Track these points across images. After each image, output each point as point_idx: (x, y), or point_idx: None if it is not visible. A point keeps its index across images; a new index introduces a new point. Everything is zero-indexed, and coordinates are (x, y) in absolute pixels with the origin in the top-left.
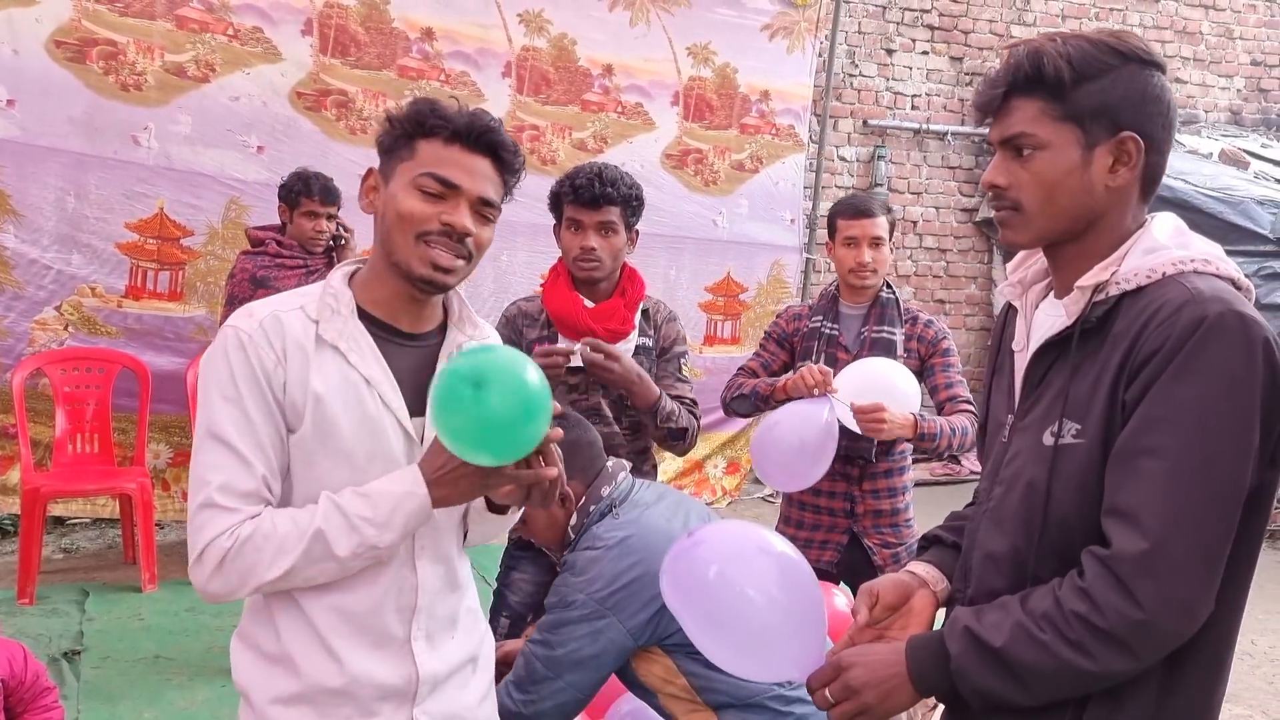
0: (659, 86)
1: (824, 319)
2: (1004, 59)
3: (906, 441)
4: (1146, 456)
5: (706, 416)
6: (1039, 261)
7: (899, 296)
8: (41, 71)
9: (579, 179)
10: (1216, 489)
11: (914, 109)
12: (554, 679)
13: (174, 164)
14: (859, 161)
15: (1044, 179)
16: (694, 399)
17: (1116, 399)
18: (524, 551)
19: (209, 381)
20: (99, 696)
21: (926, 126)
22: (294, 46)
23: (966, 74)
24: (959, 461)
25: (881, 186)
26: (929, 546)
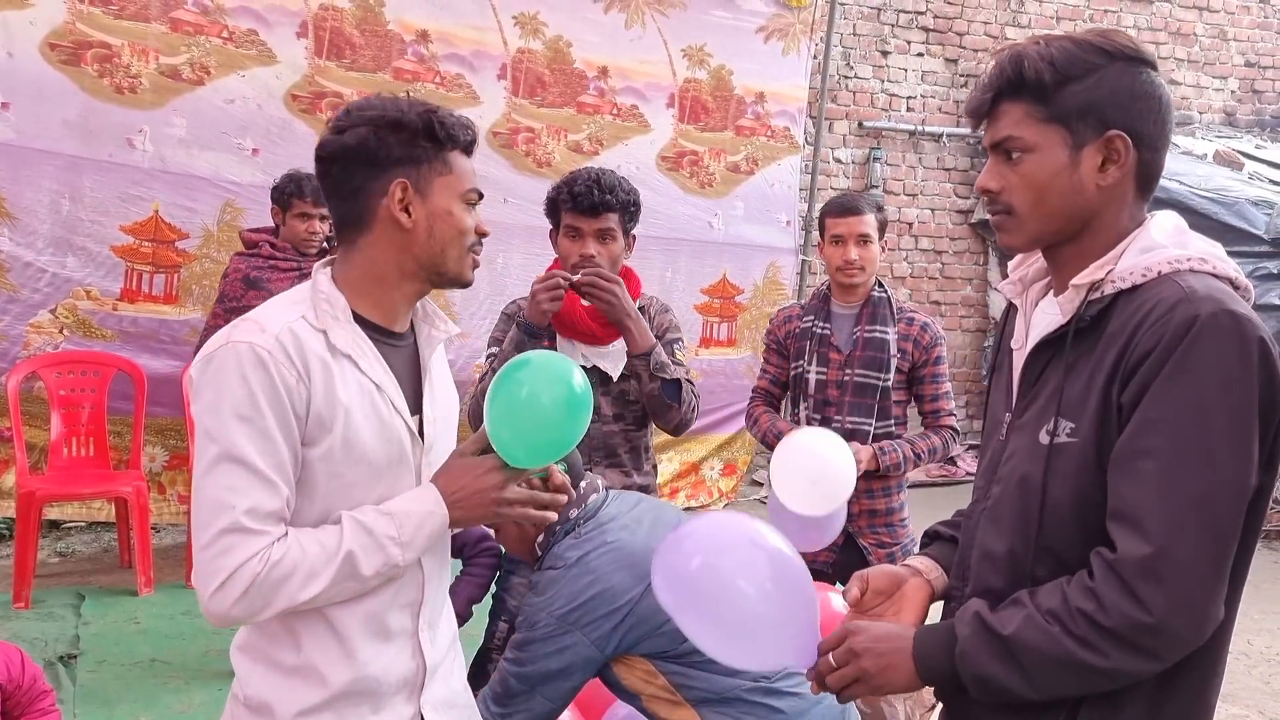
0: (654, 88)
1: (815, 319)
2: (993, 64)
3: (870, 472)
4: (1145, 459)
5: (703, 419)
6: (1039, 259)
7: (892, 296)
8: (36, 74)
9: (577, 186)
10: (1217, 490)
11: (909, 111)
12: (528, 692)
13: (169, 167)
14: (854, 163)
15: (1033, 181)
16: (690, 380)
17: (1110, 398)
18: None
19: (222, 400)
20: (95, 700)
21: (922, 128)
22: (289, 49)
23: (961, 76)
24: (955, 463)
25: (877, 188)
26: (930, 542)
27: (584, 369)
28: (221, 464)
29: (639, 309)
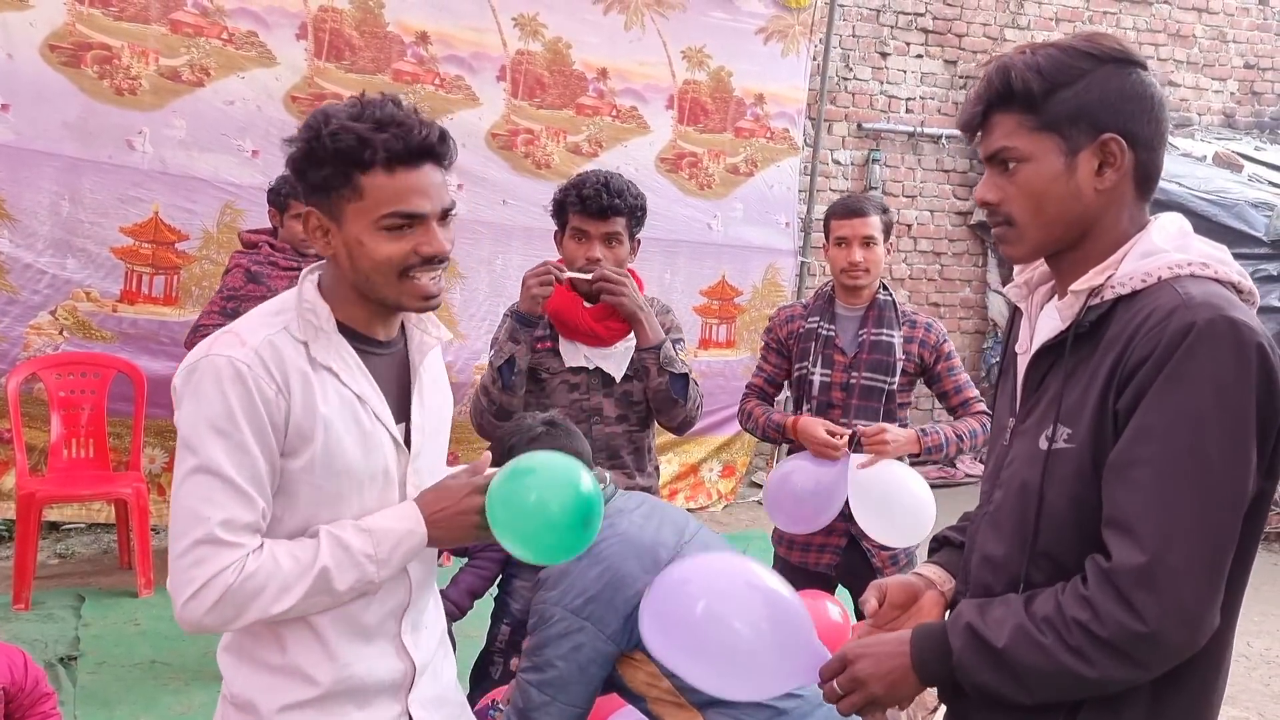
0: (653, 90)
1: (820, 320)
2: (983, 76)
3: (912, 456)
4: (1139, 467)
5: (702, 420)
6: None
7: (896, 299)
8: (36, 75)
9: (586, 189)
10: (1213, 498)
11: (908, 112)
12: (550, 701)
13: (169, 168)
14: (853, 165)
15: (1030, 190)
16: (695, 379)
17: (1106, 405)
18: None
19: (200, 412)
20: (95, 702)
21: (921, 130)
22: (288, 50)
23: (960, 77)
24: (954, 465)
25: (876, 190)
26: (940, 548)
27: (587, 370)
28: (198, 475)
29: None
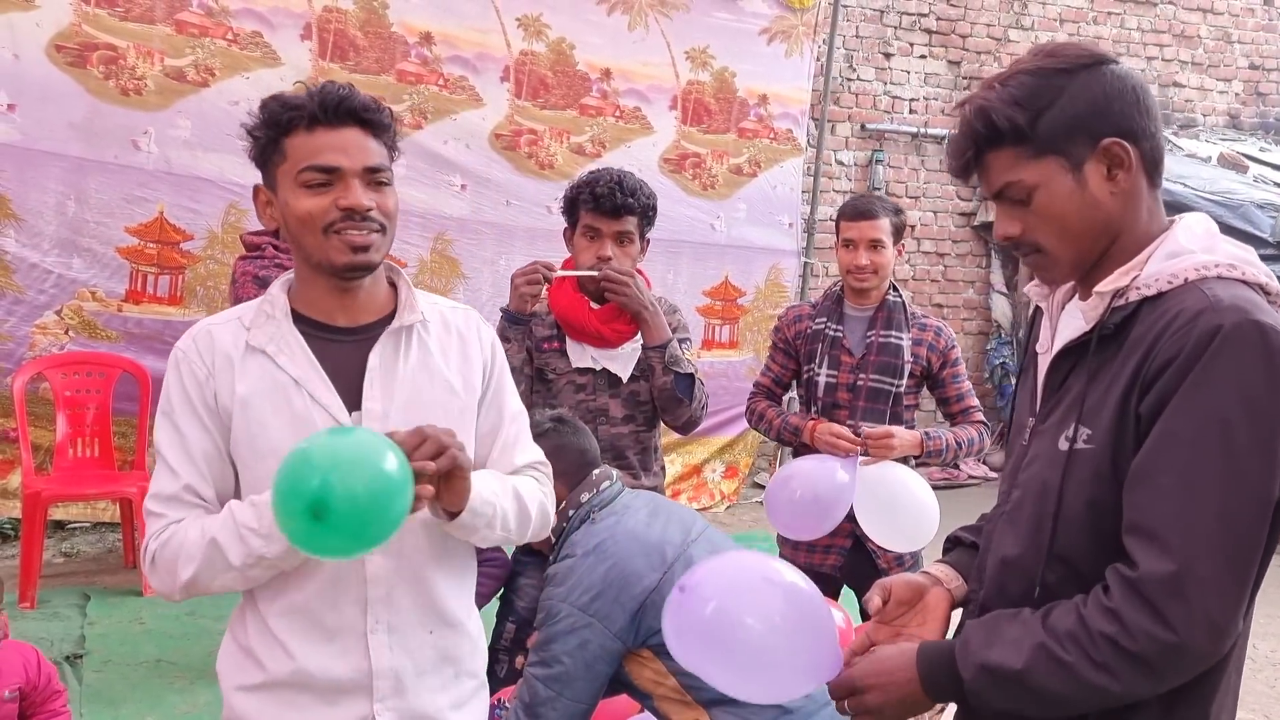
0: (657, 90)
1: (828, 320)
2: (958, 121)
3: (914, 458)
4: (1165, 473)
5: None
6: None
7: (906, 301)
8: (42, 76)
9: (599, 187)
10: (1240, 504)
11: (911, 113)
12: (556, 696)
13: (174, 168)
14: (856, 165)
15: (1050, 214)
16: (700, 379)
17: (1128, 407)
18: (530, 557)
19: (161, 398)
20: (100, 700)
21: (924, 130)
22: (293, 51)
23: (964, 78)
24: (958, 466)
25: (879, 190)
26: (952, 547)
27: (593, 371)
28: (157, 455)
29: None
